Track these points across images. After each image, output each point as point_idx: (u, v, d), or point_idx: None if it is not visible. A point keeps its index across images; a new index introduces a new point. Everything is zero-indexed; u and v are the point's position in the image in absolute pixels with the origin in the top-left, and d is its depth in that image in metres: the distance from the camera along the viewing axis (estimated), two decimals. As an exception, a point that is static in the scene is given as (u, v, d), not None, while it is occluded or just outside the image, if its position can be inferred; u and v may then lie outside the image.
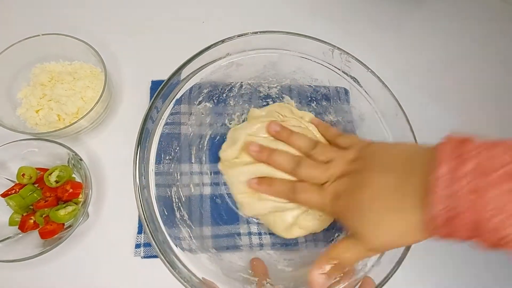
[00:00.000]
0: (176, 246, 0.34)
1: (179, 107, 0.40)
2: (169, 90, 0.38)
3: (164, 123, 0.38)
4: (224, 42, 0.39)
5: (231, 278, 0.36)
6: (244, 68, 0.42)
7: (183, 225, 0.38)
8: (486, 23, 0.62)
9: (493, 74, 0.58)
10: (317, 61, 0.42)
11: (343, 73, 0.42)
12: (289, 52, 0.42)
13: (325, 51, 0.41)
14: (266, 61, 0.43)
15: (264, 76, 0.45)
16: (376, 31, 0.58)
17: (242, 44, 0.40)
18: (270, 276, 0.38)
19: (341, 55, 0.41)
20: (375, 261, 0.35)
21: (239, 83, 0.45)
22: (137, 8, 0.55)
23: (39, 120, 0.43)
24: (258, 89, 0.47)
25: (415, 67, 0.56)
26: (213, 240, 0.41)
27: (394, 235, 0.27)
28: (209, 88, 0.43)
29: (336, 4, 0.60)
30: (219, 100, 0.45)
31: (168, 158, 0.40)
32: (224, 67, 0.41)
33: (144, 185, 0.34)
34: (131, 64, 0.51)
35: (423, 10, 0.62)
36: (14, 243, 0.39)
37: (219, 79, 0.43)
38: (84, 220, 0.40)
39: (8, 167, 0.41)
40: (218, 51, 0.39)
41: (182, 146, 0.42)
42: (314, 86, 0.45)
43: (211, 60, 0.40)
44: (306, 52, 0.42)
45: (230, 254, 0.40)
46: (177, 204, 0.39)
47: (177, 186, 0.40)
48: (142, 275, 0.41)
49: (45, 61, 0.46)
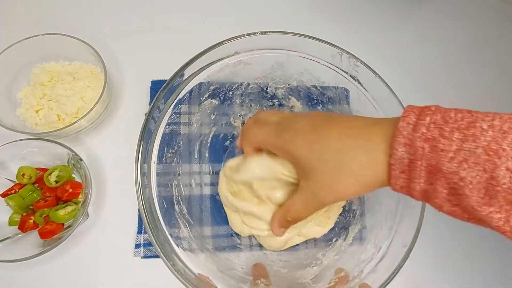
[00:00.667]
0: (178, 246, 0.34)
1: (184, 106, 0.40)
2: (173, 88, 0.38)
3: (166, 122, 0.38)
4: (232, 40, 0.39)
5: (226, 275, 0.36)
6: (251, 67, 0.42)
7: (184, 225, 0.38)
8: (486, 23, 0.62)
9: (493, 74, 0.58)
10: (325, 63, 0.42)
11: (350, 77, 0.41)
12: (297, 54, 0.42)
13: (333, 54, 0.41)
14: (274, 61, 0.43)
15: (272, 76, 0.45)
16: (376, 31, 0.58)
17: (251, 43, 0.40)
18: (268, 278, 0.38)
19: (350, 59, 0.40)
20: (372, 267, 0.35)
21: (246, 82, 0.45)
22: (137, 8, 0.55)
23: (39, 120, 0.43)
24: (265, 89, 0.47)
25: (414, 67, 0.56)
26: (213, 240, 0.41)
27: (351, 176, 0.27)
28: (215, 86, 0.43)
29: (336, 3, 0.60)
30: (225, 98, 0.45)
31: (170, 157, 0.40)
32: (232, 65, 0.41)
33: (146, 185, 0.34)
34: (131, 64, 0.51)
35: (423, 10, 0.62)
36: (13, 243, 0.39)
37: (226, 77, 0.43)
38: (84, 220, 0.40)
39: (8, 167, 0.41)
40: (226, 49, 0.39)
41: (185, 145, 0.42)
42: (321, 89, 0.45)
43: (218, 58, 0.40)
44: (314, 54, 0.41)
45: (227, 253, 0.40)
46: (179, 204, 0.39)
47: (178, 185, 0.40)
48: (142, 275, 0.41)
49: (45, 61, 0.46)
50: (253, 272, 0.39)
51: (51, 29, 0.44)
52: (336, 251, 0.41)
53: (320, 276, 0.38)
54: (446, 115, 0.23)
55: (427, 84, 0.55)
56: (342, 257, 0.40)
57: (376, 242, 0.37)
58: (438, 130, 0.23)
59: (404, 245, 0.34)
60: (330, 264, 0.40)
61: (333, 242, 0.42)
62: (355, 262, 0.37)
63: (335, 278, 0.36)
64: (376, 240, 0.38)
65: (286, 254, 0.42)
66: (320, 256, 0.41)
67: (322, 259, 0.41)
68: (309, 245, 0.43)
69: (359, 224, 0.42)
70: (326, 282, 0.36)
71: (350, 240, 0.41)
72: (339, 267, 0.37)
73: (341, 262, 0.39)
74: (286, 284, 0.38)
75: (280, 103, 0.47)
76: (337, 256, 0.40)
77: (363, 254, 0.38)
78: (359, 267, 0.36)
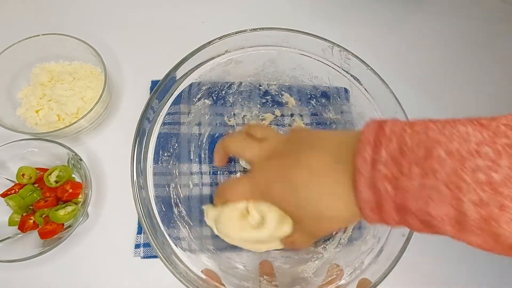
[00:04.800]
0: (176, 246, 0.34)
1: (177, 106, 0.40)
2: (166, 89, 0.38)
3: (161, 122, 0.38)
4: (222, 39, 0.39)
5: (229, 274, 0.36)
6: (243, 65, 0.42)
7: (183, 225, 0.38)
8: (486, 23, 0.62)
9: (493, 74, 0.58)
10: (316, 58, 0.42)
11: (343, 71, 0.41)
12: (289, 49, 0.42)
13: (324, 48, 0.41)
14: (265, 58, 0.43)
15: (264, 73, 0.45)
16: (375, 31, 0.58)
17: (241, 41, 0.40)
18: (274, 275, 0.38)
19: (341, 53, 0.40)
20: (372, 258, 0.35)
21: (239, 81, 0.45)
22: (137, 8, 0.55)
23: (39, 120, 0.43)
24: (258, 86, 0.47)
25: (414, 66, 0.56)
26: (213, 240, 0.41)
27: (331, 219, 0.27)
28: (208, 85, 0.43)
29: (336, 3, 0.60)
30: (218, 97, 0.45)
31: (166, 158, 0.40)
32: (223, 64, 0.41)
33: (142, 186, 0.34)
34: (131, 64, 0.51)
35: (423, 10, 0.62)
36: (13, 243, 0.39)
37: (218, 76, 0.42)
38: (84, 220, 0.40)
39: (8, 167, 0.41)
40: (216, 48, 0.39)
41: (181, 145, 0.42)
42: (314, 84, 0.45)
43: (209, 58, 0.40)
44: (306, 49, 0.41)
45: (229, 253, 0.40)
46: (176, 203, 0.39)
47: (175, 185, 0.40)
48: (142, 275, 0.41)
49: (45, 61, 0.46)
50: (260, 269, 0.39)
51: (51, 29, 0.44)
52: (336, 243, 0.41)
53: (322, 269, 0.38)
54: (401, 142, 0.22)
55: (426, 84, 0.55)
56: (343, 249, 0.40)
57: (375, 233, 0.37)
58: (397, 167, 0.22)
59: (403, 234, 0.34)
60: (331, 257, 0.40)
61: (333, 235, 0.42)
62: (355, 254, 0.37)
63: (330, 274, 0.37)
64: (375, 231, 0.38)
65: (287, 251, 0.42)
66: (321, 249, 0.41)
67: (323, 253, 0.41)
68: None
69: None
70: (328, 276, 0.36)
71: (349, 233, 0.41)
72: (334, 263, 0.38)
73: (341, 254, 0.39)
74: (288, 279, 0.38)
75: (274, 99, 0.47)
76: (337, 249, 0.40)
77: (363, 245, 0.38)
78: (360, 258, 0.36)
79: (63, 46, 0.45)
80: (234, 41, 0.40)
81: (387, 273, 0.33)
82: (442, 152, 0.21)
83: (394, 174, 0.22)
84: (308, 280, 0.38)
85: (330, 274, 0.36)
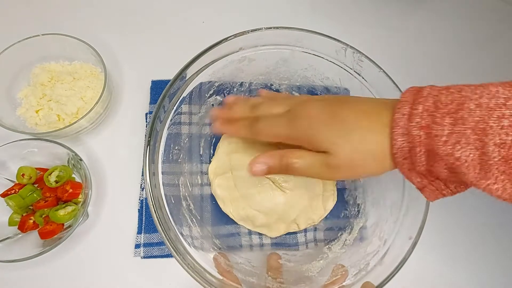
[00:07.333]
0: (190, 246, 0.34)
1: (187, 106, 0.40)
2: (176, 88, 0.38)
3: (171, 122, 0.38)
4: (237, 36, 0.39)
5: (234, 269, 0.36)
6: (256, 63, 0.42)
7: (194, 225, 0.38)
8: (486, 23, 0.62)
9: (493, 74, 0.58)
10: (329, 59, 0.42)
11: (354, 72, 0.41)
12: (302, 49, 0.42)
13: (338, 49, 0.40)
14: (278, 57, 0.43)
15: (276, 72, 0.45)
16: (376, 31, 0.58)
17: (255, 39, 0.40)
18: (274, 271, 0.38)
19: (354, 54, 0.40)
20: (378, 260, 0.35)
21: (250, 79, 0.45)
22: (137, 8, 0.55)
23: (39, 120, 0.43)
24: (269, 85, 0.47)
25: (414, 66, 0.56)
26: (215, 239, 0.41)
27: (365, 153, 0.28)
28: (220, 82, 0.43)
29: (336, 3, 0.60)
30: (229, 94, 0.45)
31: (175, 157, 0.40)
32: (236, 61, 0.41)
33: (154, 185, 0.34)
34: (131, 64, 0.51)
35: (423, 10, 0.62)
36: (13, 243, 0.39)
37: (231, 73, 0.43)
38: (84, 220, 0.40)
39: (8, 167, 0.41)
40: (231, 45, 0.39)
41: (190, 144, 0.43)
42: (325, 85, 0.45)
43: (223, 55, 0.39)
44: (319, 49, 0.41)
45: (235, 250, 0.40)
46: (187, 202, 0.39)
47: (186, 184, 0.40)
48: (142, 275, 0.41)
49: (45, 61, 0.46)
50: (267, 262, 0.39)
51: (51, 29, 0.44)
52: (342, 244, 0.41)
53: (326, 269, 0.38)
54: (437, 100, 0.25)
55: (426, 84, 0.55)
56: (348, 250, 0.40)
57: (381, 235, 0.37)
58: (431, 118, 0.24)
59: (410, 237, 0.34)
60: (336, 257, 0.40)
61: (339, 236, 0.42)
62: (361, 255, 0.37)
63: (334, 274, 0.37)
64: (381, 233, 0.38)
65: (292, 249, 0.43)
66: (326, 250, 0.41)
67: (328, 253, 0.41)
68: (312, 243, 0.43)
69: (364, 217, 0.42)
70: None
71: (355, 234, 0.41)
72: (339, 263, 0.38)
73: (347, 255, 0.39)
74: (293, 277, 0.38)
75: None
76: (343, 249, 0.40)
77: (368, 247, 0.38)
78: (365, 259, 0.36)
79: (63, 46, 0.45)
80: (248, 39, 0.40)
81: (392, 276, 0.33)
82: (472, 105, 0.23)
83: (427, 123, 0.24)
84: (313, 279, 0.38)
85: (334, 274, 0.36)
